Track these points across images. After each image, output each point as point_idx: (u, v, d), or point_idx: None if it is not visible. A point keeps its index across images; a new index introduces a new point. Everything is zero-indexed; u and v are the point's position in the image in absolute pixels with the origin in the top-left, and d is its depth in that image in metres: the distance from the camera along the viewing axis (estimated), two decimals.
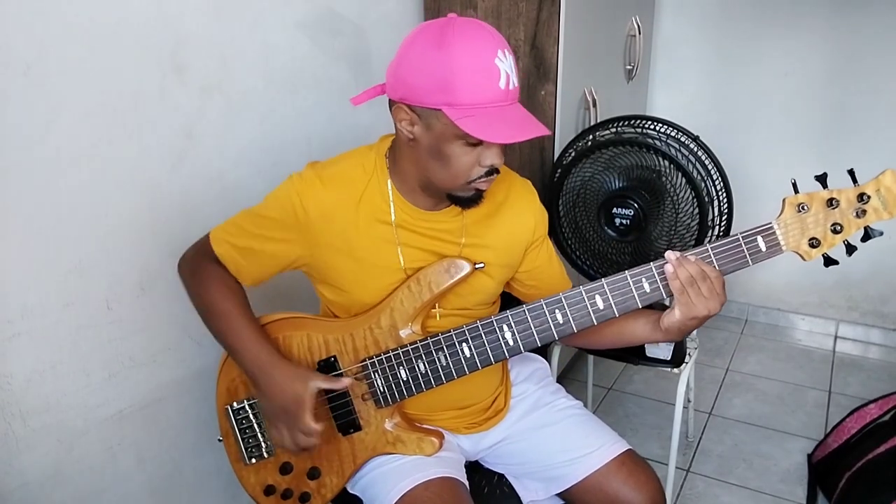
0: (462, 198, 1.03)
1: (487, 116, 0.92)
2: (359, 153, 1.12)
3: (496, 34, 0.95)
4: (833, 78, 2.47)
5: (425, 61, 0.93)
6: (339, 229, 1.07)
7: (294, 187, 1.06)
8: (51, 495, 1.14)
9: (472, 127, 0.90)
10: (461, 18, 0.95)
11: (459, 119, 0.91)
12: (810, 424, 2.20)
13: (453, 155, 0.97)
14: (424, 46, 0.93)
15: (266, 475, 1.18)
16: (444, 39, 0.91)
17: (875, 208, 0.96)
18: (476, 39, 0.92)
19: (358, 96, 1.03)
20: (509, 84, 0.94)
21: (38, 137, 1.02)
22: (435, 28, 0.94)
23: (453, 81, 0.91)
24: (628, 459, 1.15)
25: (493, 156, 0.98)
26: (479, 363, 1.08)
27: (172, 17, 1.18)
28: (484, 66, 0.91)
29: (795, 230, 0.98)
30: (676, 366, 1.67)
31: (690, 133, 1.56)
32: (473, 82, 0.91)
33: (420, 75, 0.93)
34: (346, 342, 1.12)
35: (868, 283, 2.65)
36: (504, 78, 0.93)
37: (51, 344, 1.10)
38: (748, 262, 0.99)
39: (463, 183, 1.00)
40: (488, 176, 1.00)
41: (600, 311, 1.03)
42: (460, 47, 0.91)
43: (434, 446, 1.14)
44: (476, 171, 0.99)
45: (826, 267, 1.01)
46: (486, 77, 0.91)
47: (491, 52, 0.92)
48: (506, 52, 0.94)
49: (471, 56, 0.91)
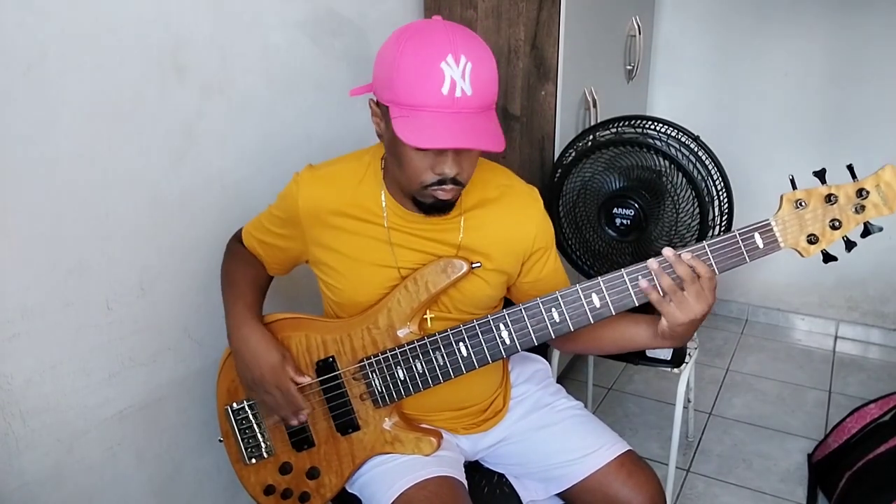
0: (423, 203, 1.02)
1: (421, 120, 0.90)
2: (354, 156, 1.14)
3: (463, 40, 0.91)
4: (833, 78, 2.47)
5: (383, 57, 0.95)
6: (329, 227, 1.10)
7: (292, 186, 1.11)
8: (51, 495, 1.14)
9: (399, 126, 0.90)
10: (439, 21, 0.94)
11: (395, 118, 0.91)
12: (810, 424, 2.20)
13: (405, 156, 0.96)
14: (388, 42, 0.95)
15: (266, 475, 1.19)
16: (403, 37, 0.92)
17: (875, 204, 0.95)
18: (429, 41, 0.90)
19: (356, 88, 1.04)
20: (455, 91, 0.89)
21: (38, 137, 1.02)
22: (407, 26, 0.95)
23: (395, 79, 0.91)
24: (628, 460, 1.15)
25: (443, 164, 0.96)
26: (476, 363, 1.08)
27: (172, 17, 1.18)
28: (425, 69, 0.89)
29: (793, 227, 0.97)
30: (676, 366, 1.67)
31: (691, 133, 1.56)
32: (411, 82, 0.90)
33: (377, 70, 0.96)
34: (343, 342, 1.12)
35: (868, 283, 2.65)
36: (448, 83, 0.89)
37: (51, 344, 1.10)
38: (745, 260, 0.98)
39: (418, 187, 0.99)
40: (441, 185, 0.98)
41: (597, 309, 1.02)
42: (410, 46, 0.90)
43: (432, 446, 1.14)
44: (428, 177, 0.97)
45: (825, 263, 0.99)
46: (425, 79, 0.89)
47: (439, 55, 0.89)
48: (462, 58, 0.89)
49: (415, 56, 0.90)
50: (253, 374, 1.09)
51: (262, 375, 1.09)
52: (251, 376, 1.10)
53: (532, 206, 1.16)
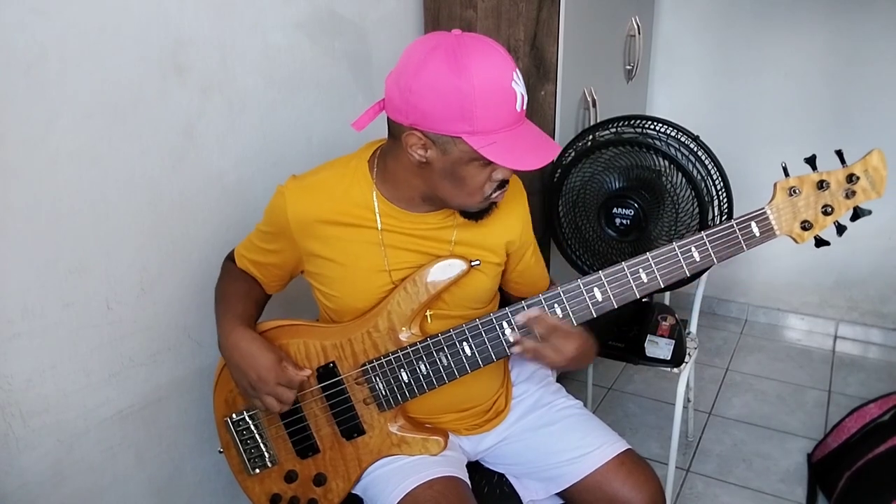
0: (477, 212, 1.05)
1: (507, 142, 0.92)
2: (338, 163, 1.13)
3: (506, 55, 0.94)
4: (833, 78, 2.47)
5: (442, 89, 0.90)
6: (321, 236, 1.09)
7: (278, 199, 1.09)
8: (51, 495, 1.14)
9: (496, 155, 0.92)
10: (470, 37, 0.94)
11: (482, 147, 0.91)
12: (810, 424, 2.20)
13: (468, 176, 0.98)
14: (438, 72, 0.90)
15: (271, 484, 1.18)
16: (459, 65, 0.89)
17: (864, 188, 0.99)
18: (492, 66, 0.91)
19: (359, 119, 1.01)
20: (524, 105, 0.95)
21: (38, 137, 1.02)
22: (447, 52, 0.91)
23: (474, 111, 0.90)
24: (628, 459, 1.15)
25: (504, 171, 0.99)
26: (480, 361, 1.08)
27: (172, 17, 1.18)
28: (503, 94, 0.91)
29: (788, 214, 1.00)
30: (676, 366, 1.67)
31: (690, 133, 1.56)
32: (494, 110, 0.91)
33: (437, 104, 0.91)
34: (344, 347, 1.12)
35: (868, 283, 2.65)
36: (520, 100, 0.93)
37: (51, 344, 1.10)
38: (743, 248, 1.01)
39: (479, 200, 1.02)
40: (500, 189, 1.02)
41: (599, 303, 1.03)
42: (479, 75, 0.89)
43: (439, 446, 1.14)
44: (489, 187, 1.00)
45: (817, 248, 1.03)
46: (505, 103, 0.92)
47: (508, 76, 0.92)
48: (516, 72, 0.94)
49: (490, 84, 0.90)
50: (249, 378, 1.07)
51: (259, 376, 1.06)
52: (247, 381, 1.07)
53: (519, 198, 1.18)
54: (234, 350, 1.08)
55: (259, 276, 1.19)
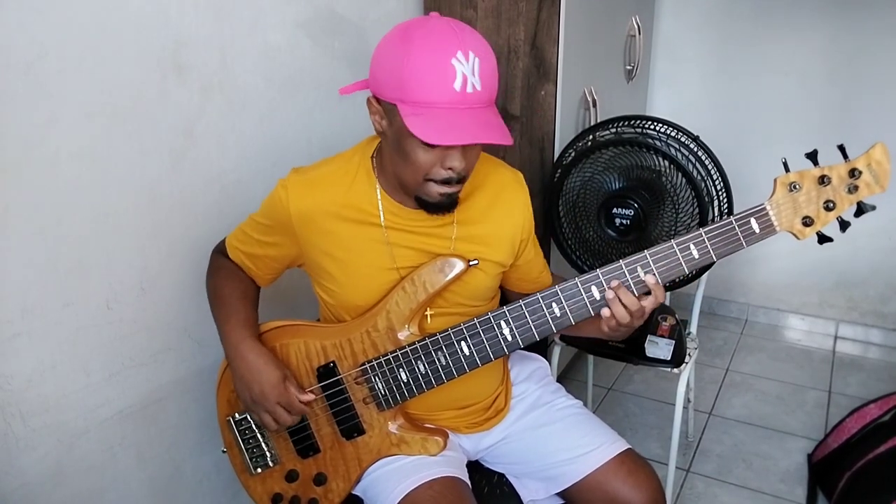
0: (429, 203, 1.02)
1: (436, 117, 0.90)
2: (342, 157, 1.12)
3: (468, 36, 0.92)
4: (833, 78, 2.47)
5: (387, 55, 0.94)
6: (324, 231, 1.08)
7: (279, 192, 1.09)
8: (51, 495, 1.14)
9: (414, 124, 0.90)
10: (439, 18, 0.95)
11: (407, 116, 0.91)
12: (810, 424, 2.20)
13: (412, 152, 0.96)
14: (390, 40, 0.94)
15: (273, 484, 1.18)
16: (407, 35, 0.92)
17: (867, 183, 0.96)
18: (438, 38, 0.91)
19: (347, 87, 1.04)
20: (466, 87, 0.90)
21: (38, 137, 1.02)
22: (408, 24, 0.94)
23: (405, 77, 0.90)
24: (628, 458, 1.15)
25: (452, 158, 0.96)
26: (478, 360, 1.08)
27: (172, 17, 1.18)
28: (438, 66, 0.89)
29: (788, 210, 0.98)
30: (676, 366, 1.67)
31: (690, 133, 1.56)
32: (424, 80, 0.90)
33: (381, 69, 0.95)
34: (343, 347, 1.12)
35: (868, 283, 2.65)
36: (460, 79, 0.90)
37: (51, 344, 1.10)
38: (743, 245, 0.99)
39: (422, 181, 0.99)
40: (448, 183, 0.99)
41: (597, 301, 1.03)
42: (418, 44, 0.90)
43: (439, 445, 1.14)
44: (436, 172, 0.98)
45: (820, 244, 1.00)
46: (438, 76, 0.90)
47: (449, 51, 0.90)
48: (470, 54, 0.90)
49: (425, 53, 0.90)
50: (252, 391, 1.07)
51: (262, 392, 1.06)
52: (249, 394, 1.07)
53: (520, 193, 1.17)
54: (242, 361, 1.08)
55: (253, 268, 1.18)
